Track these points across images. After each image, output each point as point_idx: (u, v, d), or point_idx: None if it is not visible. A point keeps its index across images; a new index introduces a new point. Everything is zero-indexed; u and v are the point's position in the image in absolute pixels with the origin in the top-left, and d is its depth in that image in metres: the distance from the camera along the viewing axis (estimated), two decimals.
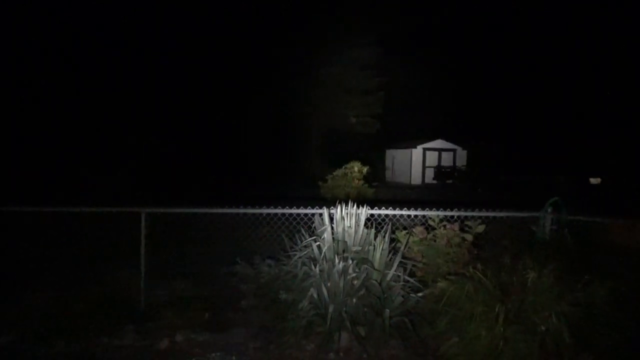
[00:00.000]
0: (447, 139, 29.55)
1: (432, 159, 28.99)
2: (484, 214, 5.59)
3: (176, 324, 4.79)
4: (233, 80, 27.80)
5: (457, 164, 28.61)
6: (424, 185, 27.79)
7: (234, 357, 4.10)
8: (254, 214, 5.59)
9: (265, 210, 5.50)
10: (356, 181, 17.10)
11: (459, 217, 5.62)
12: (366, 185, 17.46)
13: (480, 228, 5.52)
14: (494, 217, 5.68)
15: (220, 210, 5.44)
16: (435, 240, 5.43)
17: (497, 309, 4.03)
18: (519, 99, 33.42)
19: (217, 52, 27.85)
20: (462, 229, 5.49)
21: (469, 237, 5.45)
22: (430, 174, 28.09)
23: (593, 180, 18.17)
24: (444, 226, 5.53)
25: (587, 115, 30.63)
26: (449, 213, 5.61)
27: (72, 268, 5.82)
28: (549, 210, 5.73)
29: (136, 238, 5.19)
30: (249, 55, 28.24)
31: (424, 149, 28.97)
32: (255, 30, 28.58)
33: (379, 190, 19.55)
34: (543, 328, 3.89)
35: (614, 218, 5.41)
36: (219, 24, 28.84)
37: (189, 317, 4.94)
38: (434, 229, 5.53)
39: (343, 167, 17.67)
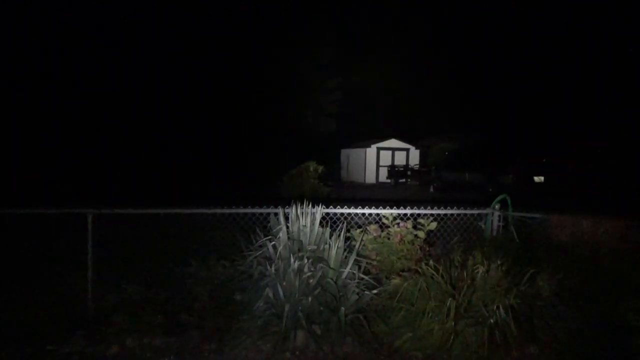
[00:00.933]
0: (400, 139, 30.14)
1: (385, 158, 29.47)
2: (435, 211, 5.77)
3: (128, 329, 4.62)
4: (203, 80, 27.31)
5: (410, 163, 29.24)
6: (378, 184, 28.25)
7: None
8: (209, 214, 5.51)
9: (219, 210, 5.42)
10: (311, 180, 17.16)
11: (411, 215, 5.77)
12: (321, 184, 17.54)
13: (432, 225, 5.69)
14: (445, 215, 5.88)
15: (173, 211, 5.33)
16: (389, 238, 5.54)
17: (448, 304, 4.17)
18: (473, 97, 34.51)
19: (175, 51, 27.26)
20: (415, 227, 5.64)
21: (422, 234, 5.61)
22: (384, 173, 28.56)
23: (536, 179, 19.07)
24: (398, 224, 5.66)
25: (534, 113, 32.06)
26: (402, 211, 5.74)
27: (16, 272, 5.51)
28: (497, 207, 5.99)
29: (84, 240, 5.00)
30: (205, 54, 27.77)
31: (378, 148, 29.42)
32: (218, 28, 28.16)
33: (334, 189, 19.70)
34: (492, 321, 4.06)
35: (555, 214, 5.71)
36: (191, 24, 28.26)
37: (141, 321, 4.78)
38: (387, 227, 5.65)
39: (298, 166, 17.69)
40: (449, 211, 5.84)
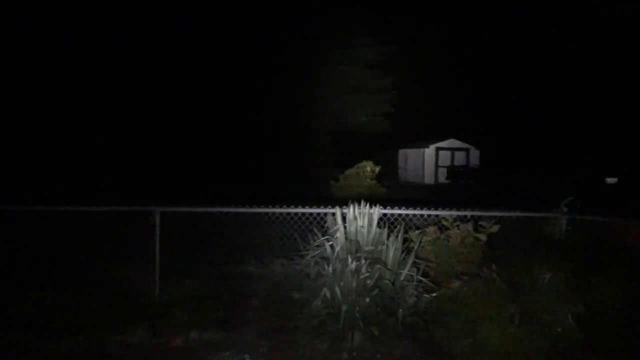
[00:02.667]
0: (460, 139, 29.35)
1: (444, 158, 28.80)
2: (497, 213, 5.55)
3: (189, 322, 4.81)
4: (241, 82, 27.88)
5: (470, 164, 28.40)
6: (437, 185, 27.64)
7: (246, 356, 4.12)
8: (266, 213, 5.62)
9: (278, 210, 5.52)
10: (368, 180, 17.06)
11: (472, 217, 5.58)
12: (378, 184, 17.40)
13: (494, 228, 5.49)
14: (509, 217, 5.63)
15: (233, 210, 5.48)
16: (448, 240, 5.40)
17: (510, 310, 4.00)
18: (534, 98, 33.03)
19: (222, 53, 27.97)
20: (475, 229, 5.46)
21: (483, 237, 5.42)
22: (443, 173, 27.92)
23: (610, 180, 17.88)
24: (457, 226, 5.50)
25: (606, 114, 30.15)
26: (462, 213, 5.58)
27: (85, 266, 5.88)
28: (565, 210, 5.67)
29: (148, 236, 5.25)
30: (256, 56, 28.31)
31: (437, 149, 28.81)
32: (261, 30, 28.65)
33: (391, 190, 19.47)
34: (558, 329, 3.85)
35: (629, 219, 5.33)
36: (222, 23, 28.98)
37: (202, 316, 4.97)
38: (447, 229, 5.51)
39: (355, 166, 17.63)
40: (512, 214, 5.60)
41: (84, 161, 21.10)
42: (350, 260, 4.47)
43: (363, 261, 4.50)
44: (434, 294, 4.64)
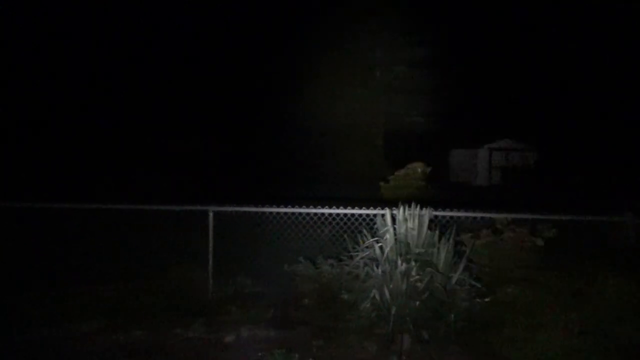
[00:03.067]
0: (514, 139, 28.31)
1: (498, 159, 27.89)
2: (557, 217, 5.29)
3: (241, 319, 4.94)
4: (290, 83, 28.17)
5: (525, 165, 27.33)
6: (490, 186, 26.78)
7: (297, 355, 4.15)
8: (315, 214, 5.66)
9: (327, 210, 5.54)
10: (419, 182, 16.78)
11: (528, 220, 5.36)
12: (429, 185, 17.07)
13: (552, 232, 5.24)
14: (568, 221, 5.34)
15: (284, 210, 5.55)
16: (503, 244, 5.22)
17: (571, 319, 3.82)
18: (593, 97, 31.28)
19: (277, 54, 28.36)
20: (532, 233, 5.24)
21: (540, 241, 5.19)
22: (496, 174, 27.04)
23: None
24: (513, 229, 5.31)
25: None
26: (518, 216, 5.37)
27: (142, 263, 6.15)
28: (631, 214, 5.33)
29: (205, 235, 5.42)
30: (308, 58, 28.51)
31: (490, 149, 27.93)
32: (313, 31, 28.79)
33: (442, 191, 19.05)
34: (625, 342, 3.63)
35: None
36: (279, 26, 29.37)
37: (254, 313, 5.08)
38: (501, 232, 5.33)
39: (405, 167, 17.39)
40: (572, 217, 5.31)
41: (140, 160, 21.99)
42: (399, 262, 4.42)
43: (413, 263, 4.43)
44: (488, 299, 4.50)
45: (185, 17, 27.81)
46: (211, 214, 5.36)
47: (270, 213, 5.65)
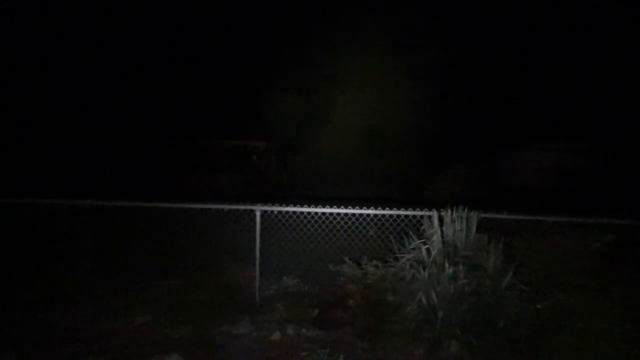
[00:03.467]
0: (563, 139, 27.16)
1: (549, 159, 26.83)
2: (615, 221, 5.04)
3: (287, 318, 5.00)
4: (333, 88, 28.20)
5: (574, 165, 26.16)
6: (540, 188, 25.82)
7: (341, 356, 4.18)
8: (361, 215, 5.65)
9: (373, 211, 5.52)
10: (464, 183, 16.46)
11: (582, 223, 5.14)
12: (475, 187, 16.71)
13: (610, 237, 5.02)
14: (626, 225, 5.09)
15: (329, 210, 5.59)
16: (555, 248, 5.05)
17: (629, 328, 3.65)
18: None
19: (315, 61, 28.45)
20: (587, 237, 5.04)
21: (595, 246, 4.98)
22: (546, 175, 26.03)
23: None
24: (565, 233, 5.12)
25: None
26: (570, 219, 5.16)
27: (191, 261, 6.35)
28: None
29: (252, 234, 5.53)
30: (355, 61, 28.45)
31: (540, 149, 26.92)
32: (357, 35, 28.73)
33: (488, 193, 18.59)
34: None
35: None
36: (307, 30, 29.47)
37: (299, 313, 5.14)
38: (553, 235, 5.15)
39: (451, 168, 17.10)
40: (630, 222, 5.05)
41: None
42: (447, 265, 4.36)
43: (461, 267, 4.36)
44: (539, 305, 4.36)
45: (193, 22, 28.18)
46: (258, 213, 5.46)
47: (316, 213, 5.70)
